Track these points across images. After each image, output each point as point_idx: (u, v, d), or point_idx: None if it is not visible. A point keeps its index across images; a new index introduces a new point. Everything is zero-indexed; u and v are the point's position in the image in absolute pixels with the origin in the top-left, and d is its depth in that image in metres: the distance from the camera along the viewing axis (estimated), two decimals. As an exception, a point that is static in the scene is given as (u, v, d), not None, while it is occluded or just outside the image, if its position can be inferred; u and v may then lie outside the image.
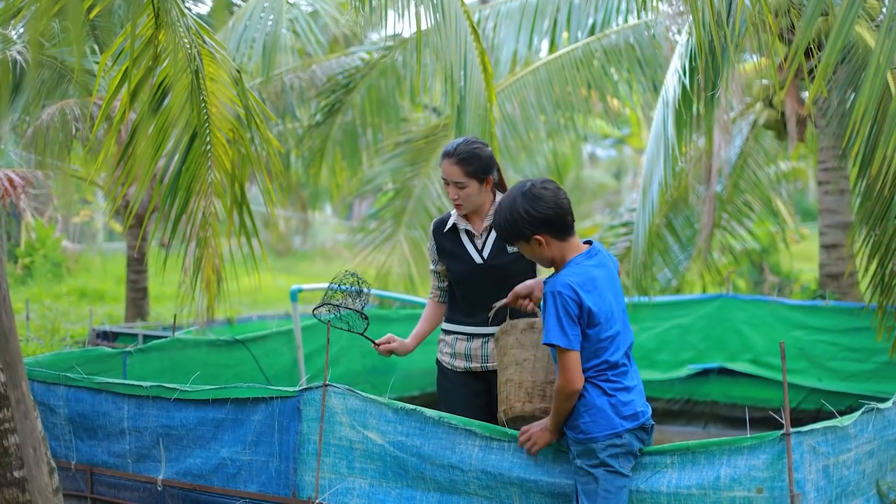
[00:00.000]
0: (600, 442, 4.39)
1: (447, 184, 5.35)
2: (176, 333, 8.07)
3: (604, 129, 26.25)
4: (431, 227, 5.63)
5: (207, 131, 7.04)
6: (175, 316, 8.40)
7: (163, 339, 7.96)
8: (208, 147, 7.13)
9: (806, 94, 10.70)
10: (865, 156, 7.11)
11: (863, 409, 4.75)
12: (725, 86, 7.75)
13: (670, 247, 12.93)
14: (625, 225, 13.62)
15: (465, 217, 5.46)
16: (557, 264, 4.60)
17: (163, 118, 6.91)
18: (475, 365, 5.42)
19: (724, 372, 9.92)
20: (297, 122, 14.28)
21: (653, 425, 4.57)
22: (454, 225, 5.48)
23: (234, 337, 8.51)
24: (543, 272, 5.10)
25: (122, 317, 13.71)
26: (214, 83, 6.88)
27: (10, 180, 10.18)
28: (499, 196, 5.44)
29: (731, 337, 9.93)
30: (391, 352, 5.59)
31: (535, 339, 4.87)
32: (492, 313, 5.10)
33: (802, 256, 21.34)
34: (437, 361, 5.63)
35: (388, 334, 5.58)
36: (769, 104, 11.66)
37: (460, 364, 5.47)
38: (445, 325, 5.59)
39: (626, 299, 10.22)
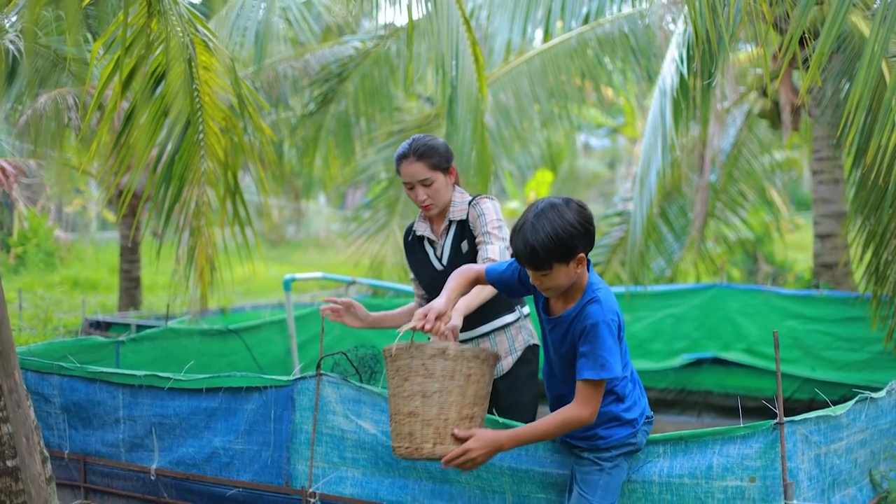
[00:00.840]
0: (618, 447, 4.29)
1: (411, 188, 5.12)
2: (169, 323, 8.06)
3: (598, 118, 26.27)
4: (403, 236, 5.49)
5: (200, 120, 7.03)
6: (168, 305, 8.40)
7: (156, 329, 7.94)
8: (201, 136, 7.12)
9: (800, 84, 10.69)
10: (860, 145, 7.11)
11: (856, 398, 4.75)
12: (722, 75, 7.75)
13: (664, 236, 12.94)
14: (619, 214, 13.63)
15: (429, 220, 5.28)
16: (573, 288, 4.14)
17: (156, 107, 6.90)
18: None
19: (717, 361, 9.92)
20: (290, 111, 14.27)
21: (652, 416, 4.54)
22: (415, 232, 5.33)
23: (228, 326, 8.50)
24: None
25: (115, 306, 13.70)
26: (207, 72, 6.87)
27: (3, 169, 10.15)
28: (458, 191, 5.24)
29: (724, 326, 9.92)
30: (341, 320, 5.34)
31: (446, 368, 4.16)
32: (398, 339, 4.23)
33: (796, 246, 21.36)
34: None
35: (347, 299, 5.37)
36: (763, 93, 11.67)
37: None
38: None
39: (622, 288, 10.24)
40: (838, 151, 10.28)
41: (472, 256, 5.09)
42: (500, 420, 4.70)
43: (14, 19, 8.26)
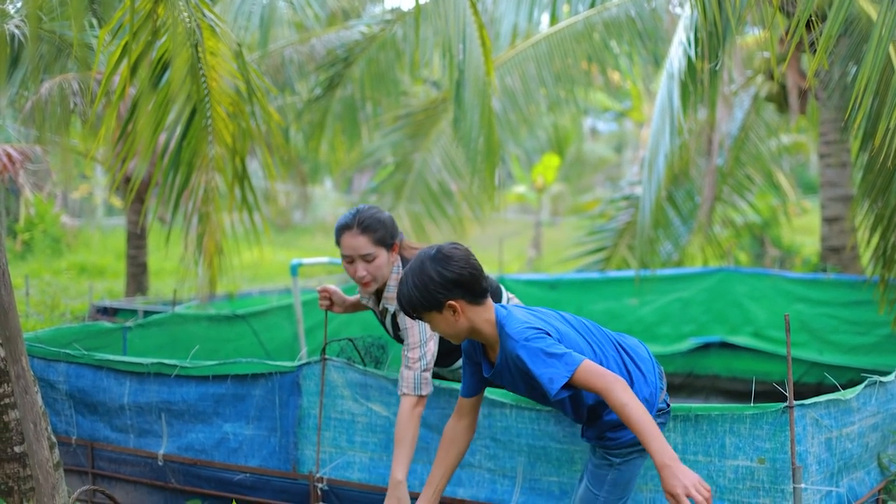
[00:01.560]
0: (629, 446, 4.20)
1: (350, 261, 4.89)
2: (176, 308, 8.06)
3: (604, 102, 26.22)
4: None
5: (208, 105, 7.02)
6: (175, 291, 8.39)
7: (163, 314, 7.94)
8: (209, 121, 7.11)
9: (807, 67, 10.66)
10: (867, 129, 7.09)
11: (866, 382, 4.74)
12: (729, 58, 7.73)
13: (671, 220, 12.92)
14: (626, 198, 13.62)
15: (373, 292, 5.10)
16: (478, 333, 4.14)
17: (163, 93, 6.88)
18: None
19: (725, 345, 9.92)
20: (296, 95, 14.24)
21: (668, 406, 4.45)
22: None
23: (235, 312, 8.50)
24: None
25: (122, 292, 13.71)
26: (214, 57, 6.86)
27: (9, 155, 10.16)
28: (395, 269, 5.02)
29: (732, 310, 9.92)
30: (329, 308, 5.29)
31: None
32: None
33: (804, 230, 21.35)
34: None
35: (328, 285, 5.29)
36: (770, 77, 11.64)
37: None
38: None
39: (630, 272, 10.23)
40: (845, 135, 10.26)
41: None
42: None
43: (19, 4, 8.26)
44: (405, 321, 4.85)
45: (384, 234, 4.87)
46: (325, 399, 5.31)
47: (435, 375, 5.21)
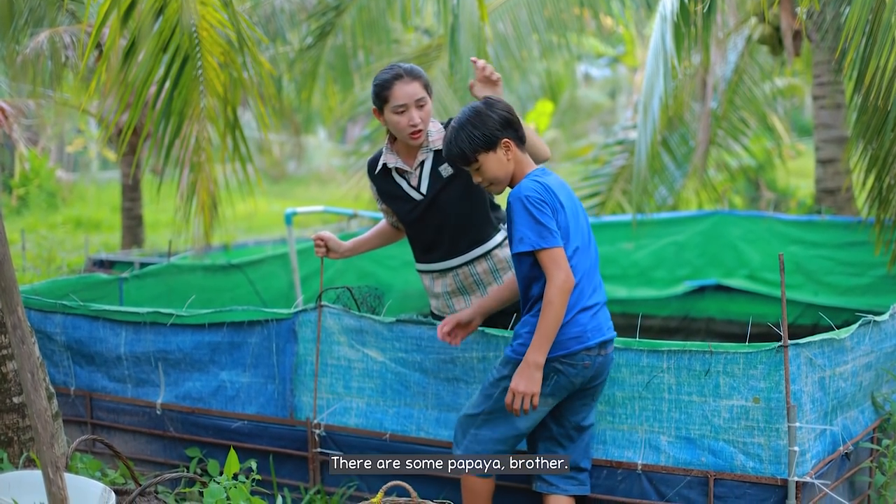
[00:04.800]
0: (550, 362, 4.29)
1: (403, 111, 4.84)
2: (171, 259, 8.06)
3: (597, 48, 26.10)
4: (367, 169, 5.22)
5: (199, 55, 6.98)
6: (170, 242, 8.39)
7: (158, 265, 7.94)
8: (200, 71, 7.08)
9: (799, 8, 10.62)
10: (861, 68, 7.06)
11: (860, 321, 4.76)
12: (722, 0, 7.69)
13: (666, 165, 12.88)
14: (620, 143, 13.59)
15: (396, 151, 5.06)
16: (515, 179, 4.43)
17: (153, 43, 6.84)
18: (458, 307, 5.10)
19: (720, 288, 9.93)
20: (288, 45, 14.18)
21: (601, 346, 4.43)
22: (384, 165, 5.08)
23: (230, 261, 8.50)
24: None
25: (118, 245, 13.71)
26: (204, 6, 6.82)
27: (2, 110, 10.13)
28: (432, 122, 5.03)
29: (727, 253, 9.92)
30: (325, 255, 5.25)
31: None
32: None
33: (798, 173, 21.32)
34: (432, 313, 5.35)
35: (324, 232, 5.24)
36: (762, 19, 11.58)
37: (441, 305, 5.20)
38: (416, 266, 5.23)
39: (627, 216, 10.22)
40: (839, 76, 10.21)
41: (454, 181, 4.91)
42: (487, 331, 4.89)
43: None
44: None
45: (428, 81, 4.96)
46: (321, 346, 5.33)
47: (434, 316, 5.22)
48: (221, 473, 5.06)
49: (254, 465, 4.96)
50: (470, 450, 4.46)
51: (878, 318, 4.90)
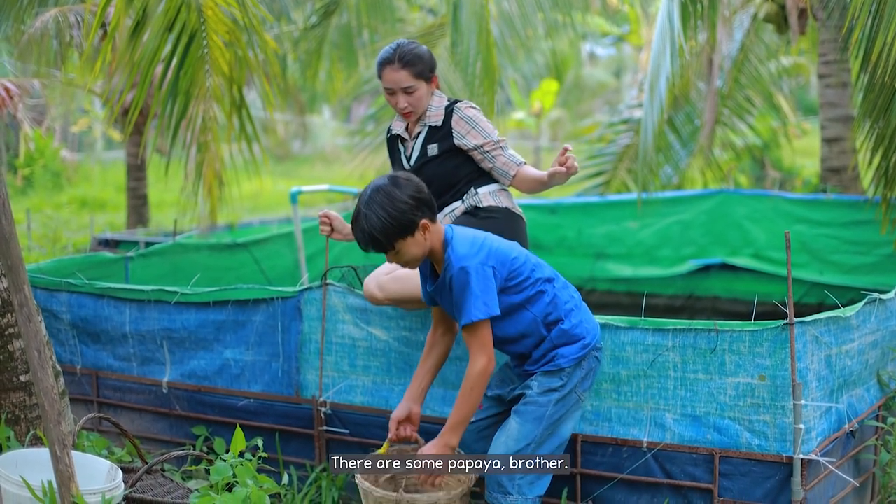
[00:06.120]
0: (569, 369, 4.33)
1: (391, 93, 5.04)
2: (177, 238, 8.06)
3: (603, 26, 26.02)
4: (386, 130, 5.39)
5: (204, 34, 6.98)
6: (175, 221, 8.39)
7: (164, 244, 7.94)
8: (206, 51, 7.07)
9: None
10: (867, 46, 7.03)
11: (865, 299, 4.76)
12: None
13: (671, 143, 12.86)
14: (625, 122, 13.57)
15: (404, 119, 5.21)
16: (434, 251, 4.26)
17: (159, 22, 6.84)
18: None
19: (725, 267, 9.92)
20: (292, 24, 14.15)
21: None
22: (391, 131, 5.27)
23: (236, 240, 8.50)
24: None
25: (124, 224, 13.71)
26: (209, -17, 6.81)
27: (7, 90, 10.11)
28: (437, 94, 5.17)
29: (732, 232, 9.91)
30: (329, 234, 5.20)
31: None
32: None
33: (804, 152, 21.27)
34: None
35: (329, 211, 5.21)
36: (769, -4, 11.55)
37: None
38: None
39: (629, 196, 10.21)
40: (845, 55, 10.18)
41: (440, 160, 5.05)
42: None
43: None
44: (470, 118, 5.04)
45: (423, 68, 5.02)
46: (326, 324, 5.33)
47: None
48: (228, 451, 5.07)
49: (260, 443, 4.96)
50: (524, 492, 4.32)
51: (883, 297, 4.90)
